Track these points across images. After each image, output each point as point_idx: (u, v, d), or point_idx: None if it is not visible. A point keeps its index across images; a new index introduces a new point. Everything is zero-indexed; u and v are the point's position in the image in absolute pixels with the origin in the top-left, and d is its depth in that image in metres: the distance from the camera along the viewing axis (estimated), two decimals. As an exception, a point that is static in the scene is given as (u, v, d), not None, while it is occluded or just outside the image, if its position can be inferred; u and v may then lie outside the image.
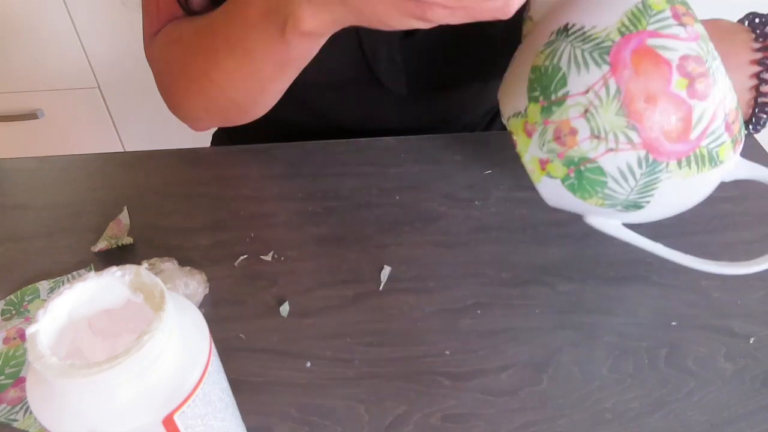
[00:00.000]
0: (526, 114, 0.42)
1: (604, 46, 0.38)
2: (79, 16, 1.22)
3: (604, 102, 0.38)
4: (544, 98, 0.40)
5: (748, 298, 0.48)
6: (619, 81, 0.38)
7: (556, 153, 0.41)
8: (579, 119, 0.39)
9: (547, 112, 0.40)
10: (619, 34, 0.38)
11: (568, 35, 0.40)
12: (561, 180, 0.42)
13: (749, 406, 0.42)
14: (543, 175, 0.43)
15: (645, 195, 0.41)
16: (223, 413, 0.31)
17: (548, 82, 0.40)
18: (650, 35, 0.38)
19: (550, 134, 0.41)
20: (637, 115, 0.38)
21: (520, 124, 0.42)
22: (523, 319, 0.47)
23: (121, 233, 0.54)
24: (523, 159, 0.43)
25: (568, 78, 0.39)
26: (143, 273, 0.28)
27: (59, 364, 0.25)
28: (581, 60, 0.39)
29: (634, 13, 0.38)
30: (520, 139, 0.43)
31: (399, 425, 0.41)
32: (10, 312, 0.48)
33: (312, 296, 0.49)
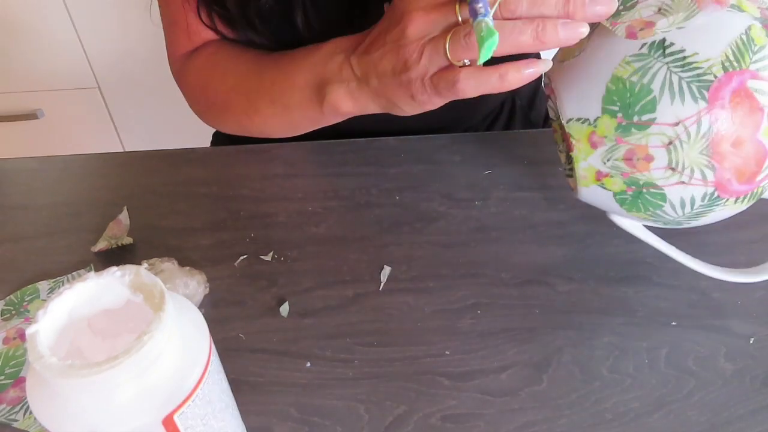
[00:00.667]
0: (596, 124, 0.39)
1: (705, 79, 0.36)
2: (79, 16, 1.22)
3: (692, 139, 0.37)
4: (624, 116, 0.38)
5: (748, 298, 0.48)
6: (713, 120, 0.36)
7: (620, 171, 0.40)
8: (659, 149, 0.38)
9: (625, 131, 0.38)
10: (722, 69, 0.36)
11: (665, 55, 0.37)
12: (614, 193, 0.41)
13: (749, 406, 0.42)
14: (595, 184, 0.42)
15: (692, 220, 0.41)
16: (223, 413, 0.31)
17: (633, 101, 0.38)
18: (752, 76, 0.36)
19: (621, 153, 0.39)
20: (720, 156, 0.37)
21: (585, 132, 0.40)
22: (523, 319, 0.47)
23: (121, 233, 0.54)
24: (576, 165, 0.41)
25: (658, 104, 0.37)
26: (143, 273, 0.28)
27: (59, 364, 0.25)
28: (677, 89, 0.37)
29: (738, 47, 0.36)
30: (582, 146, 0.40)
31: (399, 425, 0.41)
32: (9, 312, 0.48)
33: (312, 296, 0.49)
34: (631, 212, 0.42)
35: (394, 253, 0.52)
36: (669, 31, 0.37)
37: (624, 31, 0.38)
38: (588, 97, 0.40)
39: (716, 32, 0.37)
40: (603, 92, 0.39)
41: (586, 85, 0.40)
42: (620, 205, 0.42)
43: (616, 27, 0.39)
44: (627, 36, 0.38)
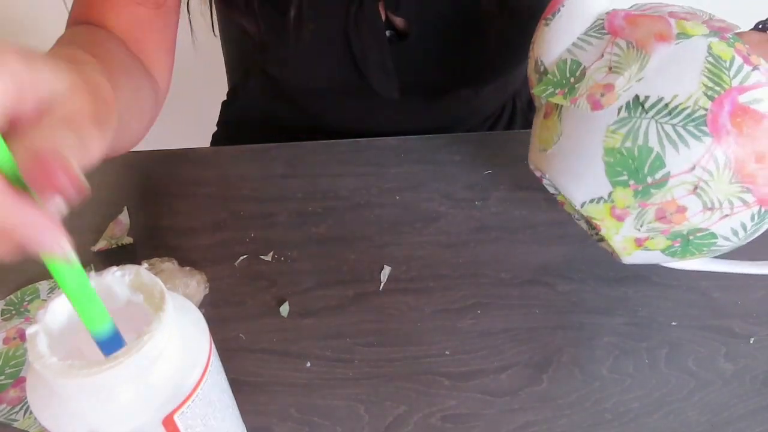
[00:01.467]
0: (612, 199, 0.38)
1: (697, 116, 0.35)
2: (79, 16, 1.22)
3: (715, 175, 0.35)
4: (636, 182, 0.37)
5: (748, 298, 0.48)
6: (726, 150, 0.35)
7: (659, 231, 0.38)
8: (688, 197, 0.36)
9: (644, 195, 0.37)
10: (708, 99, 0.35)
11: (646, 110, 0.36)
12: (662, 251, 0.40)
13: (749, 406, 0.42)
14: (638, 250, 0.40)
15: (750, 237, 0.40)
16: (223, 413, 0.31)
17: (639, 165, 0.36)
18: (739, 92, 0.35)
19: (651, 215, 0.38)
20: (750, 177, 0.36)
21: (605, 209, 0.39)
22: (523, 319, 0.47)
23: (121, 233, 0.54)
24: (611, 241, 0.40)
25: (665, 158, 0.36)
26: (143, 273, 0.28)
27: (59, 364, 0.25)
28: (676, 137, 0.35)
29: (711, 71, 0.35)
30: (608, 224, 0.39)
31: (399, 425, 0.41)
32: (10, 312, 0.48)
33: (312, 296, 0.49)
34: (685, 258, 0.41)
35: (394, 253, 0.52)
36: (630, 87, 0.36)
37: (587, 103, 0.37)
38: (590, 177, 0.38)
39: (681, 67, 0.36)
40: (603, 167, 0.38)
41: (583, 167, 0.38)
42: (672, 257, 0.41)
43: (577, 103, 0.37)
44: (592, 108, 0.37)
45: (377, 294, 0.49)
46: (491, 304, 0.48)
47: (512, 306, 0.48)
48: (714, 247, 0.39)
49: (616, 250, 0.41)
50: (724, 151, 0.35)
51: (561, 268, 0.51)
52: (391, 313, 0.48)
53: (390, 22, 0.58)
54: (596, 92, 0.37)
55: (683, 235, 0.38)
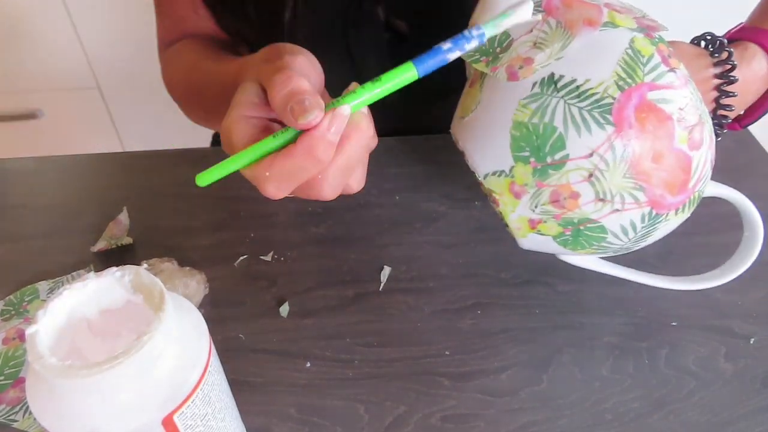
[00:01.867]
0: (512, 174, 0.38)
1: (604, 103, 0.35)
2: (79, 16, 1.22)
3: (611, 165, 0.35)
4: (536, 160, 0.37)
5: (748, 298, 0.48)
6: (626, 142, 0.35)
7: (551, 215, 0.38)
8: (582, 183, 0.36)
9: (542, 174, 0.37)
10: (618, 89, 0.35)
11: (558, 89, 0.36)
12: (553, 237, 0.40)
13: (749, 406, 0.42)
14: (531, 232, 0.40)
15: (640, 242, 0.40)
16: (222, 413, 0.31)
17: (541, 143, 0.36)
18: (650, 88, 0.35)
19: (546, 197, 0.38)
20: (645, 175, 0.36)
21: (504, 184, 0.38)
22: (523, 319, 0.47)
23: (121, 233, 0.54)
24: (507, 219, 0.40)
25: (566, 140, 0.36)
26: (143, 273, 0.28)
27: (59, 365, 0.25)
28: (580, 120, 0.35)
29: (627, 62, 0.35)
30: (506, 199, 0.39)
31: (399, 425, 0.41)
32: (9, 312, 0.48)
33: (312, 296, 0.49)
34: (576, 251, 0.41)
35: (394, 253, 0.52)
36: (548, 64, 0.36)
37: (505, 73, 0.37)
38: (496, 148, 0.38)
39: (600, 54, 0.36)
40: (509, 140, 0.37)
41: (491, 137, 0.38)
42: (564, 247, 0.40)
43: (496, 72, 0.37)
44: (509, 78, 0.37)
45: (377, 294, 0.49)
46: (491, 304, 0.48)
47: (512, 306, 0.48)
48: (604, 243, 0.39)
49: (512, 230, 0.41)
50: (623, 143, 0.35)
51: (561, 268, 0.51)
52: (391, 313, 0.48)
53: (390, 24, 0.58)
54: (516, 64, 0.37)
55: (574, 223, 0.38)
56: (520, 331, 0.47)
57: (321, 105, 0.30)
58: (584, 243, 0.40)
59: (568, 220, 0.38)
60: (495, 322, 0.47)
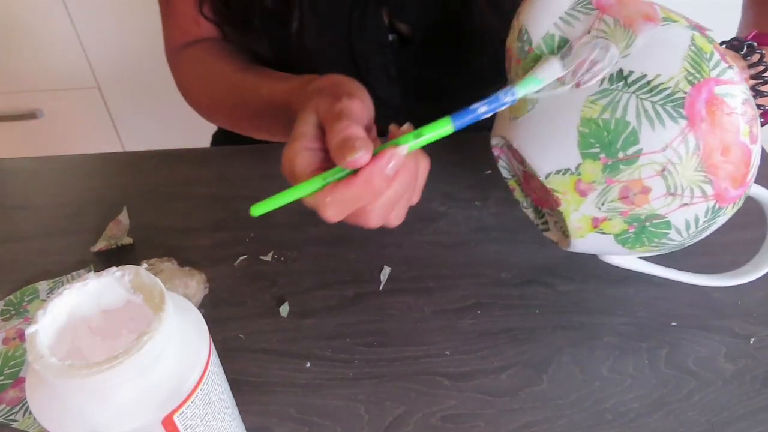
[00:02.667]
0: (580, 172, 0.38)
1: (676, 97, 0.35)
2: (79, 16, 1.22)
3: (684, 159, 0.36)
4: (607, 155, 0.37)
5: (748, 298, 0.48)
6: (698, 135, 0.35)
7: (618, 212, 0.38)
8: (654, 178, 0.36)
9: (613, 170, 0.37)
10: (688, 83, 0.35)
11: (628, 85, 0.36)
12: (615, 236, 0.40)
13: (749, 407, 0.42)
14: (592, 232, 0.40)
15: (695, 238, 0.40)
16: (222, 413, 0.31)
17: (612, 138, 0.36)
18: (716, 83, 0.36)
19: (615, 194, 0.37)
20: (714, 168, 0.36)
21: (570, 182, 0.38)
22: (523, 319, 0.47)
23: (121, 233, 0.54)
24: (567, 218, 0.40)
25: (639, 134, 0.36)
26: (143, 273, 0.28)
27: (59, 365, 0.25)
28: (654, 114, 0.35)
29: (693, 58, 0.36)
30: (569, 198, 0.39)
31: (399, 425, 0.41)
32: (9, 312, 0.48)
33: (312, 296, 0.49)
34: (633, 249, 0.41)
35: (394, 253, 0.52)
36: (618, 62, 0.37)
37: (572, 79, 0.37)
38: (561, 147, 0.38)
39: (666, 49, 0.36)
40: (576, 138, 0.37)
41: (555, 136, 0.38)
42: (622, 246, 0.40)
43: (564, 79, 0.38)
44: (577, 85, 0.37)
45: (377, 294, 0.49)
46: (491, 304, 0.48)
47: (512, 306, 0.48)
48: (665, 239, 0.39)
49: (570, 230, 0.40)
50: (696, 136, 0.36)
51: (561, 268, 0.51)
52: (391, 313, 0.48)
53: (394, 26, 0.58)
54: (581, 68, 0.37)
55: (641, 219, 0.38)
56: (520, 331, 0.47)
57: (369, 147, 0.34)
58: (645, 240, 0.40)
59: (636, 216, 0.38)
60: (495, 322, 0.47)
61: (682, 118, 0.35)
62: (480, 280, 0.50)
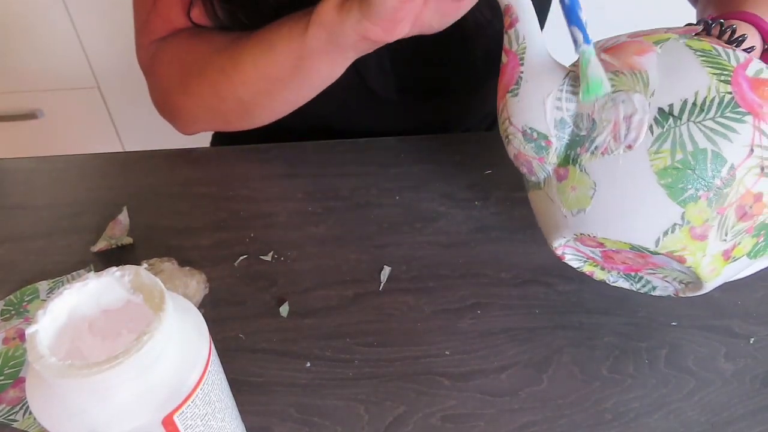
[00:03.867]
0: (688, 220, 0.36)
1: (727, 101, 0.35)
2: (79, 16, 1.22)
3: None
4: (706, 189, 0.35)
5: (748, 298, 0.48)
6: (766, 119, 0.35)
7: (744, 231, 0.37)
8: (759, 181, 0.35)
9: (718, 199, 0.35)
10: (725, 84, 0.35)
11: (678, 117, 0.35)
12: (747, 254, 0.38)
13: (749, 407, 0.42)
14: (726, 265, 0.38)
15: None
16: (222, 413, 0.31)
17: (701, 172, 0.35)
18: (743, 68, 0.35)
19: (732, 218, 0.36)
20: None
21: (684, 235, 0.36)
22: (523, 319, 0.47)
23: (121, 233, 0.54)
24: (699, 269, 0.37)
25: (722, 153, 0.35)
26: (143, 273, 0.28)
27: (59, 365, 0.25)
28: (721, 128, 0.35)
29: (708, 61, 0.36)
30: (691, 248, 0.36)
31: (399, 425, 0.41)
32: (9, 312, 0.48)
33: (312, 296, 0.49)
34: (758, 258, 0.39)
35: (394, 253, 0.52)
36: (649, 103, 0.35)
37: (622, 146, 0.36)
38: (653, 210, 0.36)
39: (681, 66, 0.36)
40: (664, 192, 0.35)
41: (637, 206, 0.36)
42: (755, 258, 0.38)
43: (617, 148, 0.36)
44: (627, 149, 0.36)
45: (377, 294, 0.49)
46: (491, 304, 0.48)
47: (512, 306, 0.48)
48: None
49: (703, 276, 0.38)
50: (767, 121, 0.35)
51: (561, 268, 0.51)
52: (391, 313, 0.48)
53: None
54: (618, 130, 0.36)
55: (766, 226, 0.37)
56: (520, 331, 0.47)
57: None
58: None
59: (761, 225, 0.37)
60: (495, 322, 0.47)
61: (744, 115, 0.35)
62: (480, 280, 0.50)
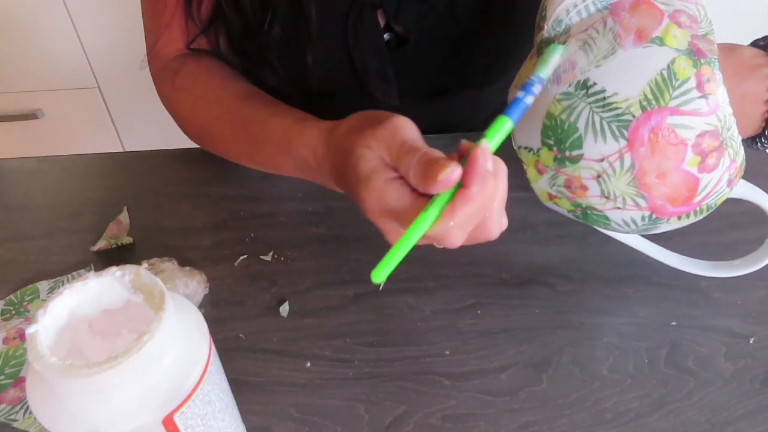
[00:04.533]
0: (539, 154, 0.41)
1: (623, 119, 0.37)
2: (79, 16, 1.22)
3: (617, 173, 0.38)
4: (558, 150, 0.40)
5: (748, 298, 0.48)
6: (635, 157, 0.37)
7: (565, 196, 0.42)
8: (591, 180, 0.39)
9: (560, 163, 0.40)
10: (640, 108, 0.36)
11: (588, 95, 0.38)
12: (567, 210, 0.43)
13: (749, 406, 0.42)
14: (549, 202, 0.44)
15: (646, 232, 0.43)
16: (222, 413, 0.31)
17: (563, 137, 0.39)
18: (671, 112, 0.36)
19: (561, 181, 0.41)
20: (647, 187, 0.38)
21: (532, 160, 0.42)
22: (523, 319, 0.47)
23: (121, 233, 0.54)
24: (531, 185, 0.44)
25: (584, 142, 0.38)
26: (143, 273, 0.28)
27: (59, 365, 0.25)
28: (599, 128, 0.38)
29: (658, 84, 0.36)
30: (531, 172, 0.43)
31: (399, 425, 0.41)
32: (9, 312, 0.48)
33: (312, 296, 0.49)
34: (589, 224, 0.44)
35: (394, 253, 0.52)
36: (589, 71, 0.38)
37: (552, 76, 0.40)
38: (530, 128, 0.41)
39: (636, 70, 0.37)
40: (541, 126, 0.40)
41: (529, 118, 0.41)
42: (576, 219, 0.44)
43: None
44: (554, 82, 0.39)
45: (377, 294, 0.49)
46: (491, 304, 0.48)
47: (512, 306, 0.48)
48: (610, 226, 0.42)
49: (536, 193, 0.44)
50: (632, 158, 0.37)
51: (561, 268, 0.51)
52: (391, 313, 0.48)
53: (390, 26, 0.58)
54: (562, 66, 0.39)
55: (583, 207, 0.42)
56: (520, 331, 0.47)
57: (454, 160, 0.33)
58: (592, 221, 0.43)
59: (578, 203, 0.41)
60: (495, 322, 0.47)
61: (623, 138, 0.37)
62: (480, 280, 0.50)
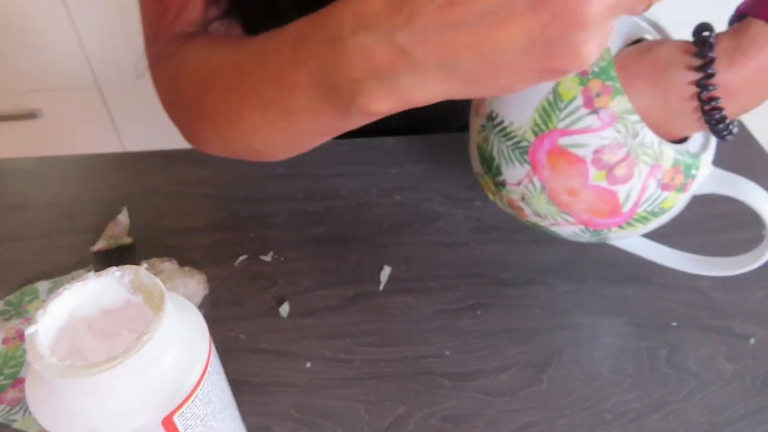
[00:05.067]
0: (484, 180, 0.43)
1: (522, 146, 0.39)
2: (79, 15, 1.22)
3: (534, 195, 0.40)
4: (492, 176, 0.42)
5: (748, 298, 0.48)
6: (542, 179, 0.39)
7: (516, 215, 0.43)
8: (521, 202, 0.41)
9: (497, 187, 0.42)
10: (533, 134, 0.38)
11: (494, 126, 0.40)
12: (524, 221, 0.44)
13: (749, 407, 0.42)
14: (508, 209, 0.44)
15: (605, 241, 0.43)
16: (222, 414, 0.31)
17: (490, 164, 0.41)
18: (561, 134, 0.37)
19: (506, 202, 0.43)
20: (565, 205, 0.39)
21: (485, 182, 0.44)
22: (523, 319, 0.47)
23: (121, 233, 0.54)
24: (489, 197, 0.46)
25: (501, 169, 0.40)
26: (143, 273, 0.28)
27: (58, 365, 0.25)
28: (507, 156, 0.40)
29: (545, 108, 0.37)
30: (486, 190, 0.45)
31: (399, 425, 0.41)
32: (9, 312, 0.48)
33: (312, 296, 0.49)
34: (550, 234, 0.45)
35: (394, 253, 0.52)
36: (493, 102, 0.40)
37: (474, 105, 0.43)
38: (473, 156, 0.44)
39: (524, 98, 0.38)
40: (477, 154, 0.43)
41: (470, 147, 0.44)
42: (538, 230, 0.45)
43: None
44: (475, 113, 0.42)
45: (377, 294, 0.49)
46: (491, 304, 0.48)
47: (512, 306, 0.48)
48: (568, 238, 0.43)
49: None
50: (540, 179, 0.39)
51: (561, 268, 0.51)
52: (391, 313, 0.48)
53: None
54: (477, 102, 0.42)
55: (531, 223, 0.43)
56: (520, 331, 0.47)
57: None
58: (551, 234, 0.44)
59: (526, 221, 0.43)
60: (495, 322, 0.47)
61: (526, 163, 0.39)
62: (480, 280, 0.50)
